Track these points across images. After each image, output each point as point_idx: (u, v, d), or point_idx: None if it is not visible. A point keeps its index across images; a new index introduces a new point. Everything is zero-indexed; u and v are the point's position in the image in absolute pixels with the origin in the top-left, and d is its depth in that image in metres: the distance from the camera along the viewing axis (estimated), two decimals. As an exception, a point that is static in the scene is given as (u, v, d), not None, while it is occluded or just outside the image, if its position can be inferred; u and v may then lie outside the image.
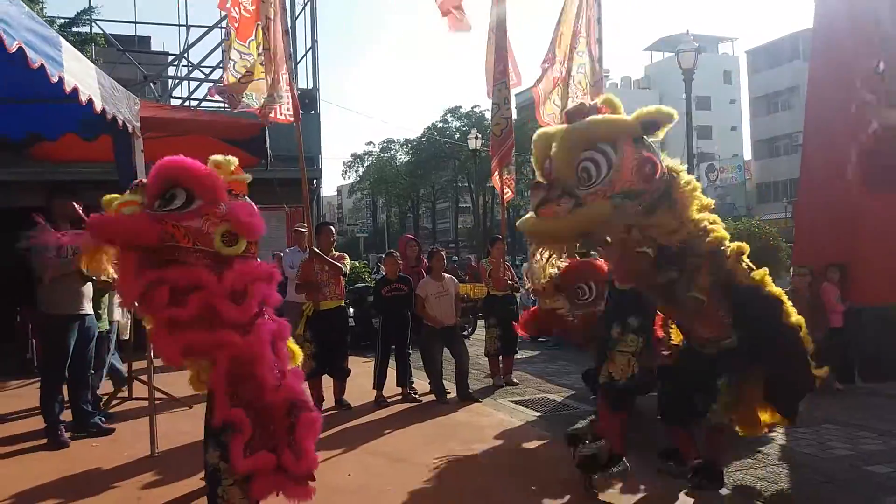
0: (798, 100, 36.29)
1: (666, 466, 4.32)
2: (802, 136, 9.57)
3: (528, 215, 3.87)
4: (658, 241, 3.61)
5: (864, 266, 7.79)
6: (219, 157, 3.01)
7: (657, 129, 3.61)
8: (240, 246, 2.94)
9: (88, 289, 5.30)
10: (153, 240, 2.76)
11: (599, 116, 3.66)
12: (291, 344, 3.20)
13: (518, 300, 8.60)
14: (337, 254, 6.59)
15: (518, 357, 9.75)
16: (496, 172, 8.63)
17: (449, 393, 6.96)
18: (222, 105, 6.62)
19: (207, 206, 2.86)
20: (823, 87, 8.62)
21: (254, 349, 2.88)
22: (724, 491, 4.08)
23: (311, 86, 14.73)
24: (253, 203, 3.06)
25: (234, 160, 3.08)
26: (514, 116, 9.00)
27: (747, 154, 46.65)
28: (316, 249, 6.33)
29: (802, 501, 4.13)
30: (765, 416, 4.15)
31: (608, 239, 3.77)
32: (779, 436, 5.27)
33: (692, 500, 3.93)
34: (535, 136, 3.93)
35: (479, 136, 26.40)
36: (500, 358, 7.92)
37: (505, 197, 8.85)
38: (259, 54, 6.27)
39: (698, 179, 4.03)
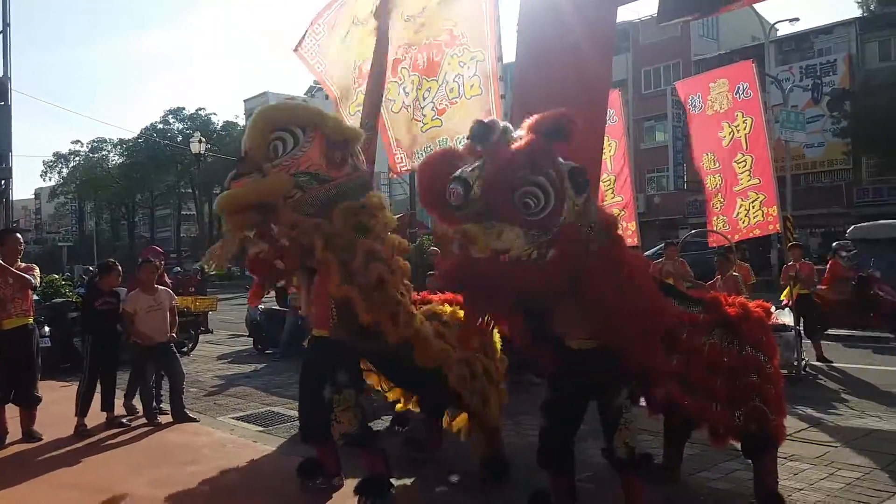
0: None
1: None
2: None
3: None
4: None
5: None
6: None
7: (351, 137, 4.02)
8: None
9: None
10: None
11: (300, 104, 4.14)
12: None
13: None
14: (24, 265, 5.79)
15: (241, 371, 9.51)
16: None
17: (165, 413, 6.51)
18: None
19: None
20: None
21: None
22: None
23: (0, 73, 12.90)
24: None
25: None
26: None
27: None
28: (-1, 260, 5.49)
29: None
30: None
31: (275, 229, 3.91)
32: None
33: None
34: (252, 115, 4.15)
35: (203, 139, 25.04)
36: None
37: None
38: None
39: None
